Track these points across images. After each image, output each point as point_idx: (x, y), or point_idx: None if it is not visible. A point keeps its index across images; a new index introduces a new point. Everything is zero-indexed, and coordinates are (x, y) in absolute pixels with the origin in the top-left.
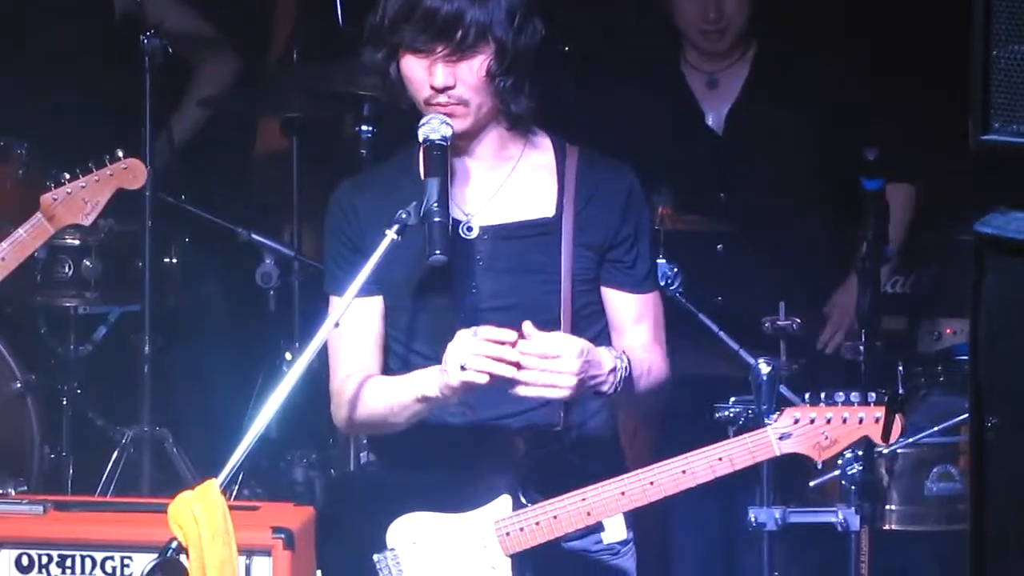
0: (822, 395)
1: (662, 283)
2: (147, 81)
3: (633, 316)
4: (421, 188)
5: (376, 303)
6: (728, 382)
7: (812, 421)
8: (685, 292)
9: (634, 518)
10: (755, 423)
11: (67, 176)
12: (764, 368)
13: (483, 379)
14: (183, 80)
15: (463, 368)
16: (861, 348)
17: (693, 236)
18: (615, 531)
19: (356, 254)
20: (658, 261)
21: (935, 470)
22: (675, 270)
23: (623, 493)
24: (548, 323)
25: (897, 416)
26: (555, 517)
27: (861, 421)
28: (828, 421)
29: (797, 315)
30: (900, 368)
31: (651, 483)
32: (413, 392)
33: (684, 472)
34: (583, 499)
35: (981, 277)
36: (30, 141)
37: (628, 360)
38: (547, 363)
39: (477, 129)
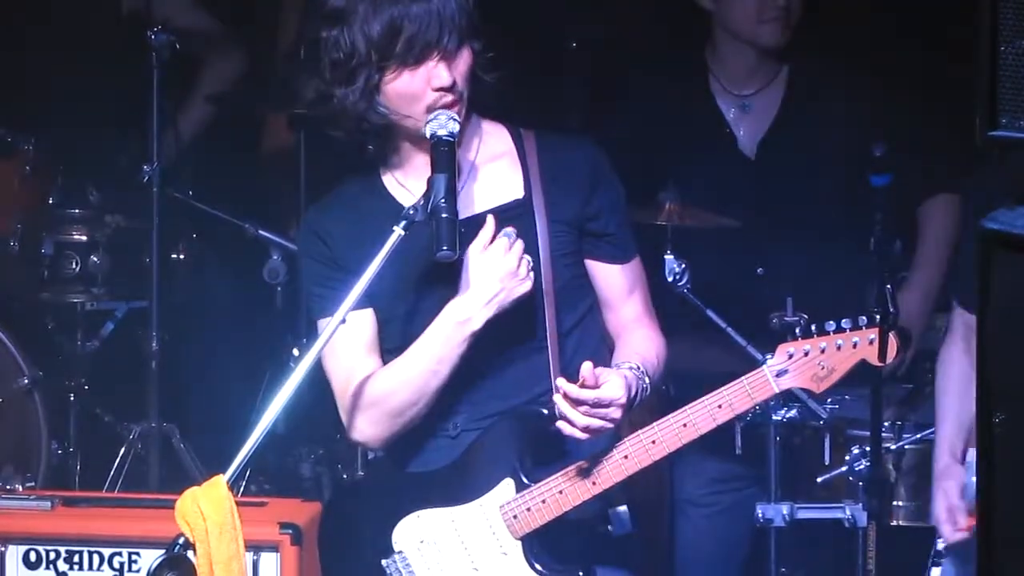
0: (813, 326)
1: (670, 279)
2: (154, 77)
3: (623, 288)
4: (389, 206)
5: (368, 315)
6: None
7: (806, 354)
8: (693, 288)
9: (639, 513)
10: (763, 419)
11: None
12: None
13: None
14: (190, 76)
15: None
16: None
17: (700, 232)
18: (620, 524)
19: (339, 271)
20: (666, 257)
21: None
22: (683, 266)
23: (626, 456)
24: (533, 307)
25: (891, 335)
26: (561, 492)
27: (856, 345)
28: (823, 351)
29: (805, 311)
30: (889, 287)
31: (653, 442)
32: (444, 332)
33: (685, 425)
34: (586, 469)
35: (988, 273)
36: (37, 137)
37: (648, 377)
38: (598, 411)
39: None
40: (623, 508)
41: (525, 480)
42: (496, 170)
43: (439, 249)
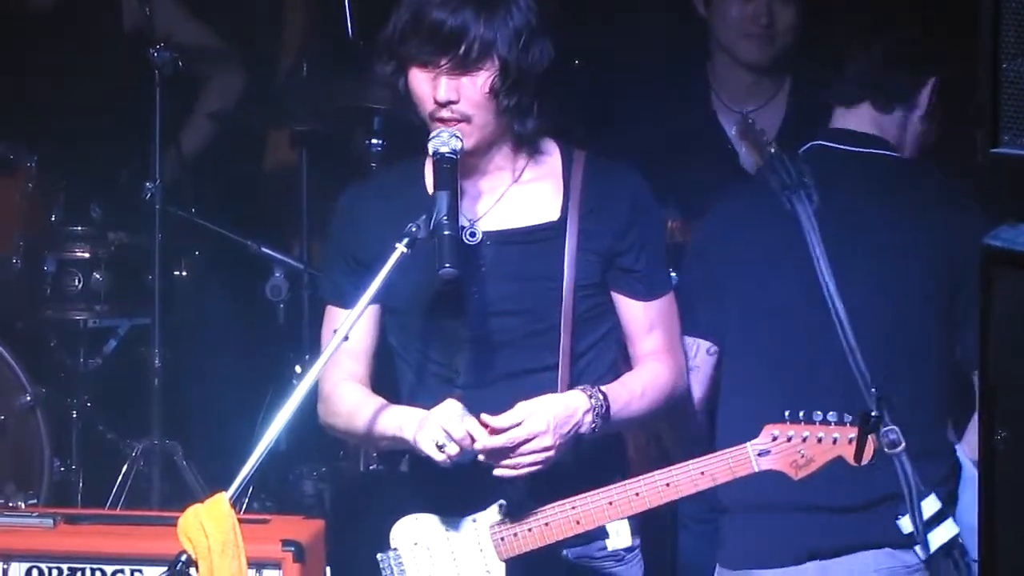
0: (800, 413)
1: None
2: (157, 94)
3: (644, 325)
4: (427, 198)
5: (371, 312)
6: None
7: (789, 439)
8: None
9: (642, 525)
10: None
11: None
12: None
13: (447, 462)
14: (192, 93)
15: (439, 447)
16: None
17: None
18: (620, 538)
19: (359, 266)
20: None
21: None
22: None
23: (611, 503)
24: (549, 329)
25: (869, 438)
26: (546, 524)
27: (835, 441)
28: (804, 440)
29: None
30: (874, 390)
31: (636, 494)
32: (393, 428)
33: (668, 485)
34: (572, 507)
35: (990, 290)
36: (40, 154)
37: (603, 395)
38: (520, 450)
39: (484, 147)
40: (623, 521)
41: (517, 505)
42: (537, 190)
43: (441, 267)
